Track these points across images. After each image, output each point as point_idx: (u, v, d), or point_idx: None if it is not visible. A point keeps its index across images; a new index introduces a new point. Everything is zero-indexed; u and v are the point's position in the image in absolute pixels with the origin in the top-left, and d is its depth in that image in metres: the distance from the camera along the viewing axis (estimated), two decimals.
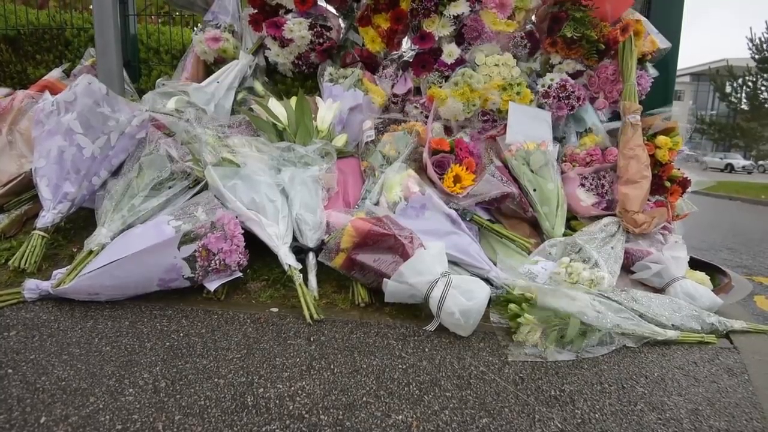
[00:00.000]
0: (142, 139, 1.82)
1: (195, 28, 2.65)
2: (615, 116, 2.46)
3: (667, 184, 2.15)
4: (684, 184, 2.20)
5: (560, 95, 2.13)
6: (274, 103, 1.91)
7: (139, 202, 1.64)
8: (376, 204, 1.73)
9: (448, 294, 1.33)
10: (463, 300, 1.31)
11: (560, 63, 2.18)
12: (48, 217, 1.67)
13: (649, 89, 2.33)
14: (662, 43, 2.31)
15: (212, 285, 1.44)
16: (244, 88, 2.27)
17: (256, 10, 2.25)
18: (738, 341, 1.54)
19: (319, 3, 2.25)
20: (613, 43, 2.12)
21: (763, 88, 16.17)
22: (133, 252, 1.33)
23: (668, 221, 2.03)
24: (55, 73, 2.39)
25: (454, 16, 2.06)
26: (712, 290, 1.86)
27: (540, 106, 2.17)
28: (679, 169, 2.19)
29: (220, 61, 2.41)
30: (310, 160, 1.70)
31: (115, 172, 1.80)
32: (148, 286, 1.41)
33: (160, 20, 3.25)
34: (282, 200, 1.60)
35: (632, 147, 2.03)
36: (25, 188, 1.94)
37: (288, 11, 2.21)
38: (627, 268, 1.90)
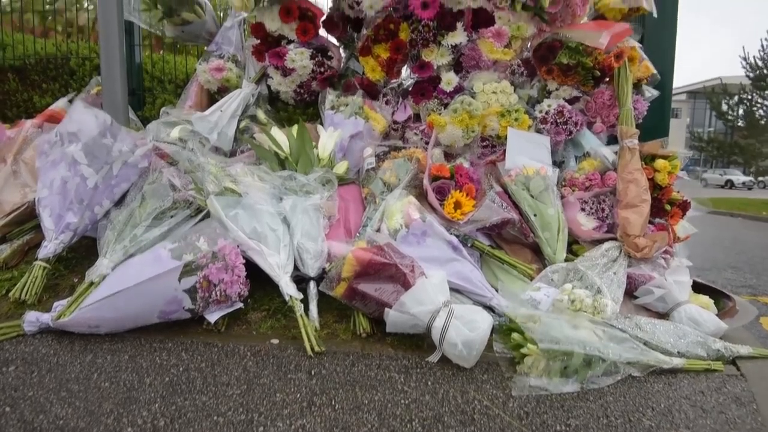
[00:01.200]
0: (146, 168, 1.84)
1: (199, 58, 2.72)
2: (613, 139, 2.49)
3: (667, 207, 2.16)
4: (684, 206, 2.21)
5: (558, 121, 2.16)
6: (276, 132, 1.94)
7: (141, 231, 1.64)
8: (378, 231, 1.74)
9: (451, 324, 1.32)
10: (466, 331, 1.30)
11: (557, 89, 2.21)
12: (50, 247, 1.68)
13: (645, 113, 2.37)
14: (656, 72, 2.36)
15: (213, 317, 1.43)
16: (246, 116, 2.30)
17: (259, 41, 2.30)
18: (745, 368, 1.52)
19: (320, 34, 2.31)
20: (608, 69, 2.15)
21: (758, 105, 16.35)
22: (135, 283, 1.33)
23: (670, 245, 2.03)
24: (61, 103, 2.44)
25: (452, 45, 2.11)
26: (717, 314, 1.84)
27: (538, 131, 2.20)
28: (678, 191, 2.21)
29: (223, 90, 2.45)
30: (311, 189, 1.71)
31: (119, 202, 1.81)
32: (148, 318, 1.41)
33: (162, 50, 3.31)
34: (283, 229, 1.61)
35: (631, 171, 2.05)
36: (28, 218, 1.95)
37: (290, 42, 2.26)
38: (630, 293, 1.89)
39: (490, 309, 1.62)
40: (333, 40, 2.42)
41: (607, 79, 2.24)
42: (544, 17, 2.15)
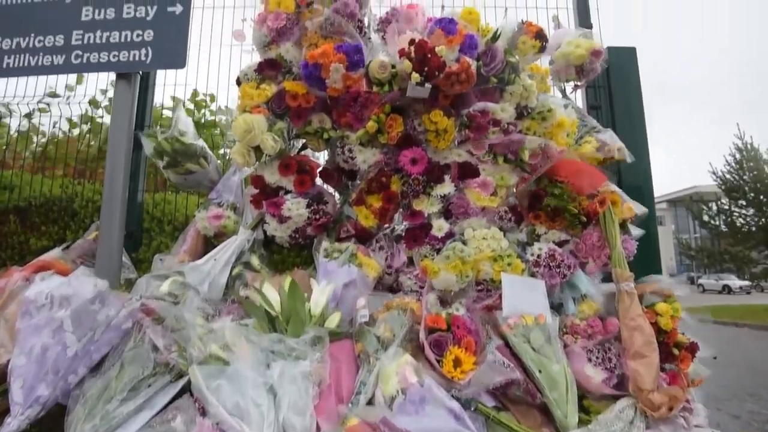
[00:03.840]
0: (129, 329, 1.76)
1: (200, 197, 2.82)
2: (608, 276, 2.49)
3: (675, 351, 2.07)
4: (692, 349, 2.13)
5: (551, 264, 2.17)
6: (267, 289, 1.91)
7: (115, 406, 1.51)
8: (372, 398, 1.61)
9: None
10: None
11: (546, 233, 2.27)
12: (13, 424, 1.52)
13: (635, 251, 2.41)
14: (638, 209, 2.47)
15: None
16: (240, 262, 2.30)
17: (258, 191, 2.41)
18: None
19: (316, 183, 2.43)
20: (593, 215, 2.24)
21: (736, 214, 17.04)
22: None
23: (687, 400, 1.89)
24: (54, 253, 2.43)
25: (441, 195, 2.21)
26: None
27: (532, 275, 2.19)
28: (683, 333, 2.14)
29: (220, 235, 2.49)
30: (301, 353, 1.62)
31: (96, 367, 1.70)
32: None
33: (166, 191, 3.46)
34: (269, 403, 1.48)
35: (633, 317, 1.99)
36: None
37: (287, 192, 2.37)
38: None
39: None
40: (329, 188, 2.54)
41: (594, 222, 2.32)
42: (526, 168, 2.30)
